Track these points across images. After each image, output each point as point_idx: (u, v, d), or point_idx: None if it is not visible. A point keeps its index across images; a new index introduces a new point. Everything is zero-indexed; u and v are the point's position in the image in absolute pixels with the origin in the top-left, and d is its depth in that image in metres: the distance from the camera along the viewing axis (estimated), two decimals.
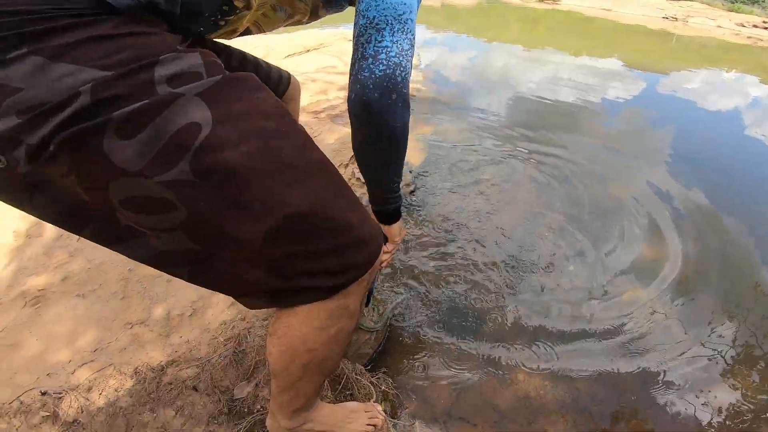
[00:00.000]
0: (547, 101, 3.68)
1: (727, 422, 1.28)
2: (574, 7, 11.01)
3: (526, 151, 2.73)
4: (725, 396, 1.34)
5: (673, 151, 2.97)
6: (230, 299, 1.41)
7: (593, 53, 6.03)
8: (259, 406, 1.16)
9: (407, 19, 0.72)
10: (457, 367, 1.35)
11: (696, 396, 1.31)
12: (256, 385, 1.21)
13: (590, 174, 2.51)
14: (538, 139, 2.90)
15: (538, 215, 2.11)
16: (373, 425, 1.06)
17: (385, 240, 1.08)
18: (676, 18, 9.74)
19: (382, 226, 1.04)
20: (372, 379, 1.27)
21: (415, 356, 1.39)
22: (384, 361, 1.38)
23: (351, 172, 2.21)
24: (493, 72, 4.65)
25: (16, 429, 1.09)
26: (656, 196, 2.36)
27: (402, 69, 0.71)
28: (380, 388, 1.26)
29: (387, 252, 1.10)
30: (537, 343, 1.44)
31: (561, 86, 4.19)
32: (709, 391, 1.34)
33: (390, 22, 0.70)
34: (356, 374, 1.25)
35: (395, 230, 1.07)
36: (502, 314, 1.54)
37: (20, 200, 0.61)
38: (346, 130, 2.47)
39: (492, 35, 7.40)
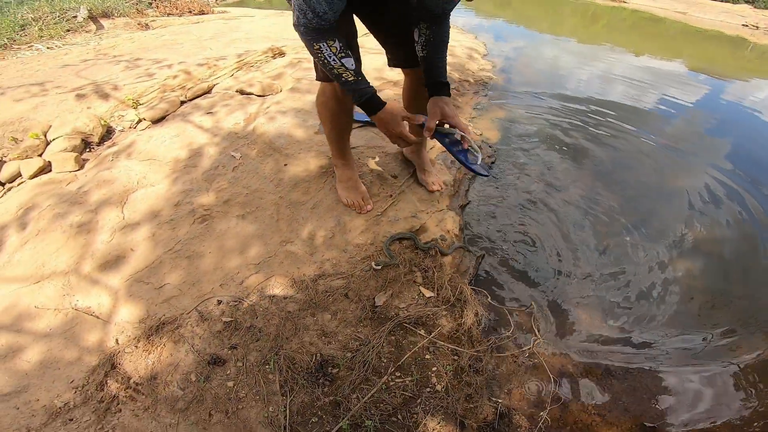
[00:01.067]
0: (599, 98, 3.69)
1: None
2: (643, 6, 10.43)
3: (584, 136, 2.84)
4: None
5: (730, 163, 2.69)
6: (362, 227, 1.66)
7: (656, 54, 5.97)
8: (392, 313, 1.39)
9: None
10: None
11: None
12: (391, 295, 1.44)
13: (643, 164, 2.61)
14: (597, 127, 3.00)
15: (596, 196, 2.23)
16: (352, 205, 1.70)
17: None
18: (756, 26, 9.23)
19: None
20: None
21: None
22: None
23: None
24: (544, 63, 4.71)
25: (199, 336, 1.32)
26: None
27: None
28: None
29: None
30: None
31: (616, 83, 4.20)
32: None
33: None
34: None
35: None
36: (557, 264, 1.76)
37: None
38: None
39: (545, 27, 7.37)
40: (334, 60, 1.21)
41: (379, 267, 1.51)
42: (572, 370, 1.40)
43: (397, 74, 3.17)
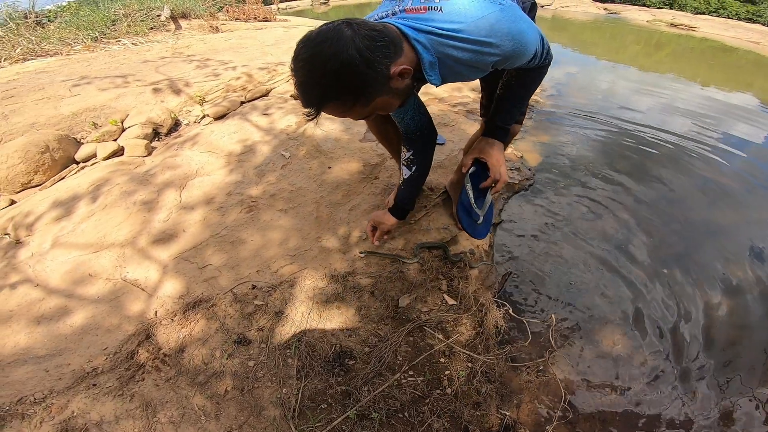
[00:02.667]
0: (654, 129, 3.52)
1: None
2: (714, 35, 9.82)
3: (631, 167, 2.73)
4: None
5: None
6: (393, 234, 1.72)
7: (724, 85, 5.64)
8: (414, 315, 1.44)
9: None
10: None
11: None
12: (415, 298, 1.50)
13: (695, 200, 2.46)
14: (647, 158, 2.88)
15: (636, 228, 2.16)
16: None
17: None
18: None
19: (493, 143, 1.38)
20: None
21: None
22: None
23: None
24: (597, 89, 4.58)
25: (231, 316, 1.42)
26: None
27: None
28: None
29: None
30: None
31: (675, 115, 3.97)
32: None
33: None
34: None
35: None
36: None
37: None
38: (475, 127, 2.73)
39: (601, 52, 7.17)
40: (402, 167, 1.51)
41: (363, 255, 1.61)
42: (585, 389, 1.39)
43: (443, 90, 3.26)
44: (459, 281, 1.58)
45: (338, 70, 0.85)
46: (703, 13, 12.12)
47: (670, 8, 12.83)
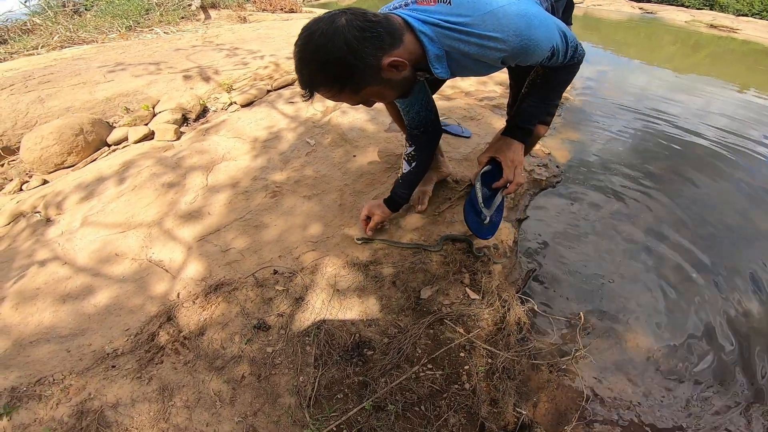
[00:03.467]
0: (689, 130, 3.36)
1: None
2: (756, 37, 9.39)
3: (663, 167, 2.62)
4: None
5: None
6: (416, 225, 1.70)
7: (764, 89, 5.40)
8: (435, 308, 1.41)
9: None
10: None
11: None
12: (437, 290, 1.46)
13: (729, 204, 2.33)
14: (679, 160, 2.75)
15: (665, 229, 2.07)
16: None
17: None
18: None
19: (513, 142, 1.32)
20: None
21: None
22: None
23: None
24: (629, 89, 4.41)
25: (251, 300, 1.41)
26: None
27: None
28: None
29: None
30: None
31: (711, 117, 3.77)
32: None
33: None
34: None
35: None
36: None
37: None
38: (501, 122, 2.68)
39: (635, 53, 6.92)
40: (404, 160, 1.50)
41: (360, 242, 1.60)
42: (607, 392, 1.33)
43: (469, 84, 3.20)
44: (482, 276, 1.54)
45: (325, 61, 0.90)
46: (746, 15, 11.53)
47: (711, 9, 12.28)
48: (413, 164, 1.49)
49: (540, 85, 1.25)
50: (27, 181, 2.34)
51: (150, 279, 1.53)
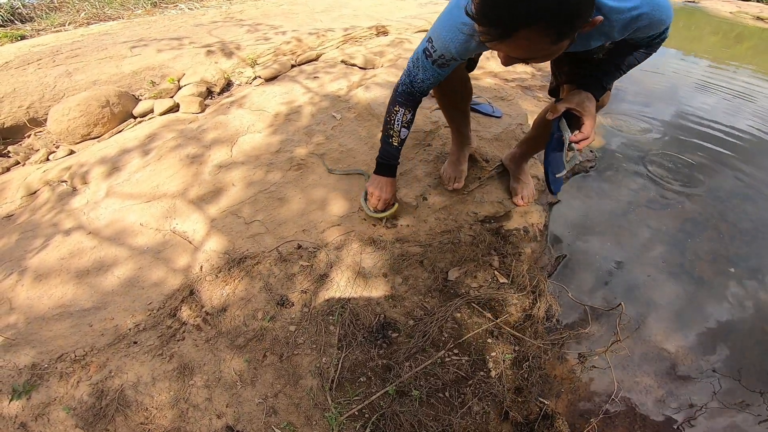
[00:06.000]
0: (729, 123, 3.13)
1: None
2: None
3: (700, 157, 2.46)
4: None
5: None
6: (444, 203, 1.64)
7: None
8: (463, 291, 1.36)
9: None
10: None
11: None
12: (465, 272, 1.40)
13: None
14: (716, 150, 2.58)
15: (704, 219, 1.96)
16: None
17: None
18: None
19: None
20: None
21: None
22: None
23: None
24: (665, 78, 4.17)
25: (275, 276, 1.38)
26: None
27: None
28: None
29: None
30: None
31: (753, 110, 3.51)
32: None
33: None
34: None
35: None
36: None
37: None
38: (533, 103, 2.56)
39: (674, 43, 6.56)
40: (398, 125, 1.35)
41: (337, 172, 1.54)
42: (635, 386, 1.26)
43: (497, 65, 3.06)
44: (512, 259, 1.47)
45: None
46: None
47: (758, 1, 11.55)
48: (409, 129, 1.38)
49: (615, 50, 1.18)
50: (54, 152, 2.36)
51: (173, 250, 1.51)
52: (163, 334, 1.24)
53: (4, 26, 4.19)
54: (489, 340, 1.26)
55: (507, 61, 0.89)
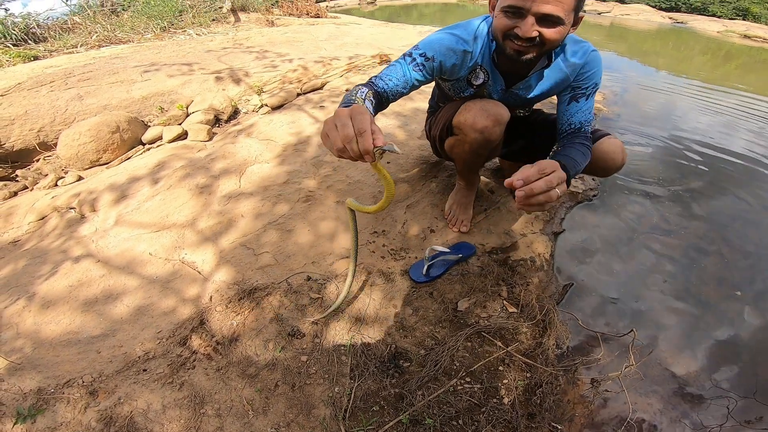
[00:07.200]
0: (727, 145, 3.18)
1: None
2: None
3: (699, 181, 2.52)
4: None
5: None
6: (452, 235, 1.67)
7: None
8: (473, 320, 1.37)
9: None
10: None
11: None
12: (474, 302, 1.43)
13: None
14: (715, 173, 2.64)
15: (707, 245, 1.98)
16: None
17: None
18: None
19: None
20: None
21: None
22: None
23: None
24: (658, 100, 4.28)
25: (285, 307, 1.39)
26: None
27: None
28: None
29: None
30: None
31: (748, 131, 3.58)
32: None
33: None
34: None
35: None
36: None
37: None
38: None
39: (664, 63, 6.75)
40: (360, 94, 1.14)
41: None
42: (648, 410, 1.27)
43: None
44: (520, 289, 1.49)
45: None
46: None
47: (743, 19, 11.99)
48: (373, 108, 1.16)
49: (566, 146, 1.26)
50: (62, 177, 2.38)
51: (183, 281, 1.52)
52: (173, 362, 1.24)
53: (17, 45, 4.25)
54: (501, 368, 1.27)
55: (529, 30, 1.07)
